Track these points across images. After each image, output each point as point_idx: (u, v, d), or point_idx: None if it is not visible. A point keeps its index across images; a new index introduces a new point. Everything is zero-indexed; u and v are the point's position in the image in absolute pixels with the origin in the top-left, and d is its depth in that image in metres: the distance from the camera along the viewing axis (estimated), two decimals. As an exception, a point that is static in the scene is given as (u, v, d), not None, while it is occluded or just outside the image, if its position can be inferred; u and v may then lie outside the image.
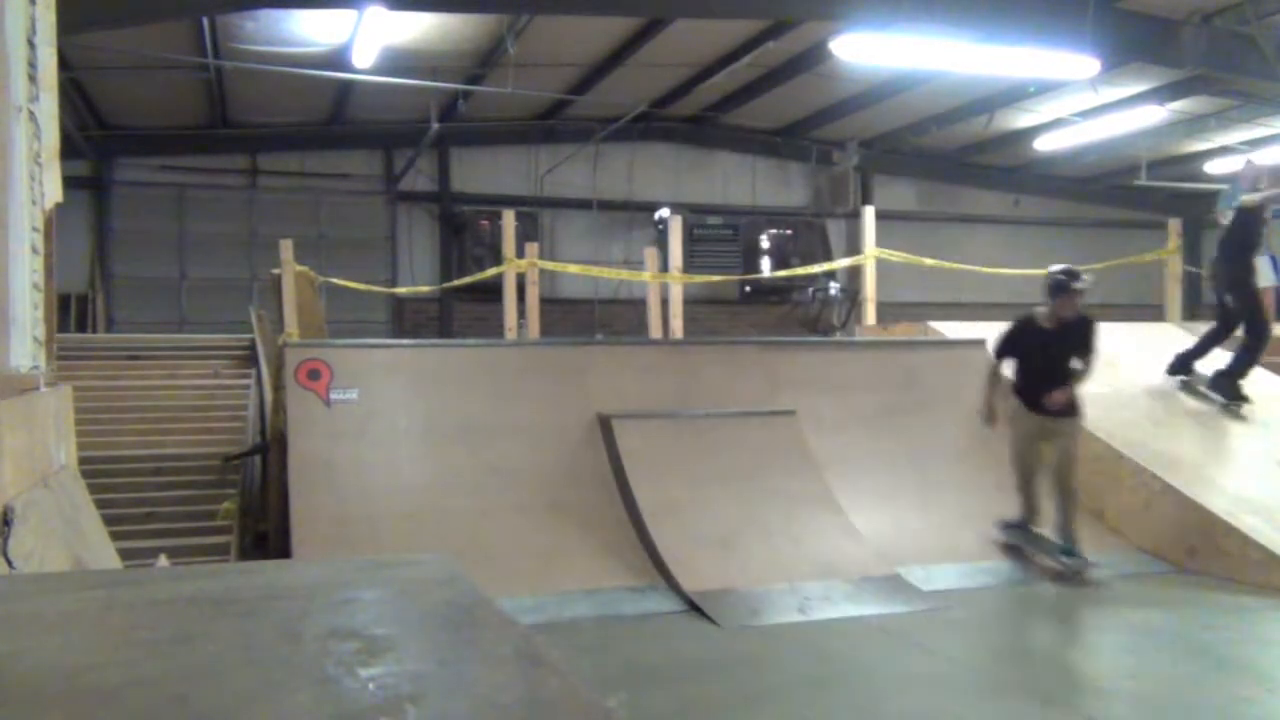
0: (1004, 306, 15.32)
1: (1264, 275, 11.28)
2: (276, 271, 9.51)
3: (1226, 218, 11.39)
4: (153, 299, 15.13)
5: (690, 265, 12.28)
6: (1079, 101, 14.35)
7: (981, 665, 4.73)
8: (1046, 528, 6.69)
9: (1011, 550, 6.79)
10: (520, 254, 10.47)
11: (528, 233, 14.19)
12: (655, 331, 10.27)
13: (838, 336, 15.06)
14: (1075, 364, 6.66)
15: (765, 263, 17.27)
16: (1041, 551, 6.70)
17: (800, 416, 7.32)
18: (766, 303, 17.98)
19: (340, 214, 16.01)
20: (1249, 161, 11.89)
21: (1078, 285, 6.57)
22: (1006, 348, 6.85)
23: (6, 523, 2.68)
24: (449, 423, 6.89)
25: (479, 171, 16.68)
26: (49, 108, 3.66)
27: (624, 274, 12.95)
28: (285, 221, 14.24)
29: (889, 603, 5.84)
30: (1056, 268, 6.76)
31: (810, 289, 17.18)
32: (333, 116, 15.18)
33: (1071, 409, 6.63)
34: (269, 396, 8.21)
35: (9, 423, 2.83)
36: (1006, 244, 18.56)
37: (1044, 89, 13.72)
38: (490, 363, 7.45)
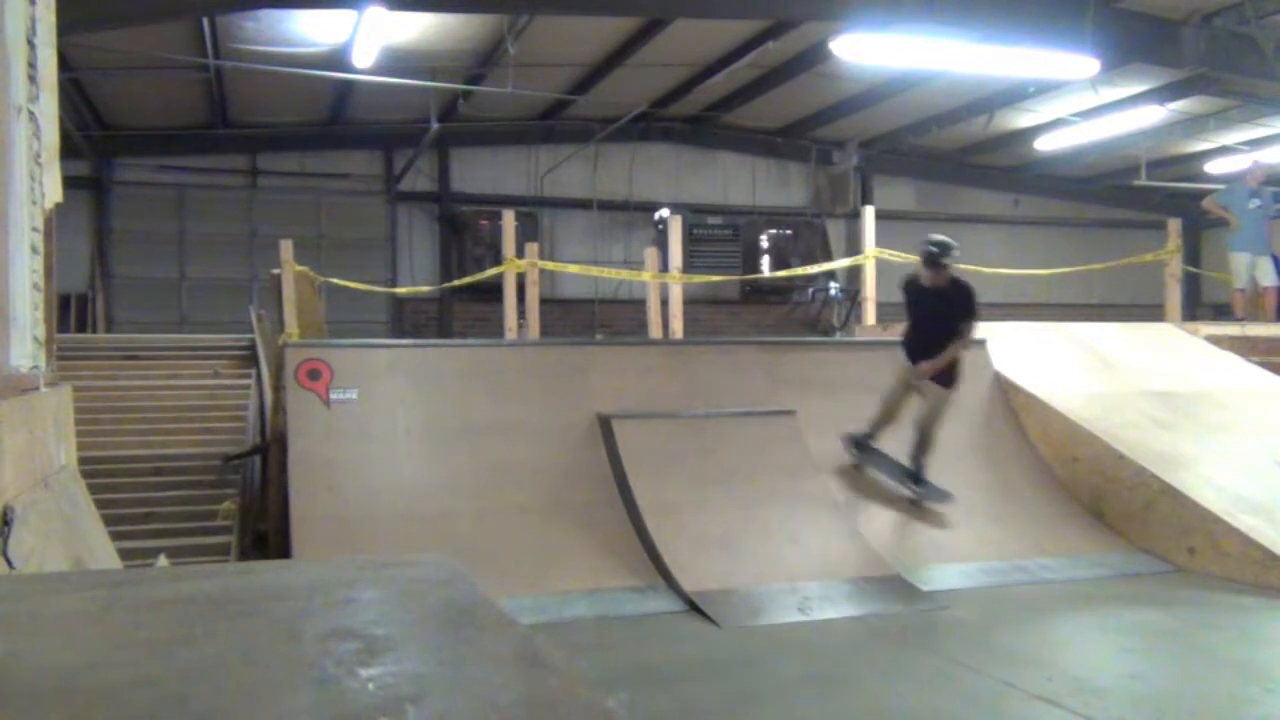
0: (1004, 306, 15.39)
1: (1266, 275, 11.31)
2: (276, 271, 9.51)
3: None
4: (153, 299, 15.13)
5: (690, 265, 12.27)
6: (1079, 101, 14.35)
7: (981, 665, 4.73)
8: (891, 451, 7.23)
9: (855, 466, 7.34)
10: (520, 254, 10.46)
11: (528, 233, 14.19)
12: (655, 331, 10.26)
13: (838, 336, 15.06)
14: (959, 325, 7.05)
15: (765, 263, 17.26)
16: (885, 470, 7.20)
17: (800, 416, 7.32)
18: (766, 303, 17.97)
19: (340, 214, 16.00)
20: (1256, 162, 11.92)
21: (946, 260, 6.93)
22: (905, 299, 7.34)
23: (6, 523, 2.68)
24: (449, 423, 6.89)
25: (479, 171, 16.68)
26: (49, 108, 3.66)
27: (624, 274, 12.94)
28: (285, 221, 14.24)
29: (889, 603, 5.84)
30: (932, 238, 7.13)
31: (810, 289, 17.18)
32: (333, 116, 15.17)
33: (942, 378, 7.00)
34: (269, 396, 8.21)
35: (9, 423, 2.83)
36: (1006, 244, 18.54)
37: (1044, 89, 13.72)
38: (490, 363, 7.45)
